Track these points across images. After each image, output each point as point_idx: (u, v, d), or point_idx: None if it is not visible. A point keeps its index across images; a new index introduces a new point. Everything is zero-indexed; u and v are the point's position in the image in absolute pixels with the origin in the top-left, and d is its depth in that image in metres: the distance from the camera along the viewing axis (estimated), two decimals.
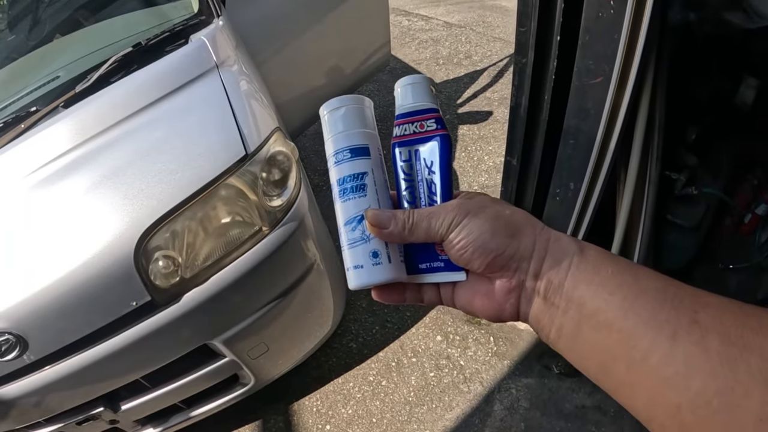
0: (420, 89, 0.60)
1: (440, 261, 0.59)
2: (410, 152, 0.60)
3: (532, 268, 0.50)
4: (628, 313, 0.44)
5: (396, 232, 0.55)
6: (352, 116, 0.60)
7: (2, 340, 1.55)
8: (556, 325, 0.49)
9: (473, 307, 0.57)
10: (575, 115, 1.75)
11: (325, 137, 0.61)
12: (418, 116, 0.59)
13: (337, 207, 0.59)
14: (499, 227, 0.51)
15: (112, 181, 1.65)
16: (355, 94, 0.64)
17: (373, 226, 0.56)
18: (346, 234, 0.58)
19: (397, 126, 0.60)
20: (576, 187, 1.84)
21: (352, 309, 2.74)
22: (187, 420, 2.08)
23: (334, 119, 0.60)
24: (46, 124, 1.84)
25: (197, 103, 1.82)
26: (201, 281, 1.65)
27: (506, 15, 5.85)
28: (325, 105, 0.61)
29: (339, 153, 0.59)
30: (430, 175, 0.59)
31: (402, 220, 0.55)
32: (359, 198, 0.58)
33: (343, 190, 0.59)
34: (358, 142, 0.60)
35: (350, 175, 0.58)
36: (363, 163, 0.59)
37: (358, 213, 0.58)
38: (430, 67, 5.00)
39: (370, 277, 0.57)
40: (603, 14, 1.53)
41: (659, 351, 0.41)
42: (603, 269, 0.48)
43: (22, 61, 2.41)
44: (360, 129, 0.61)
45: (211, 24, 2.11)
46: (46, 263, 1.57)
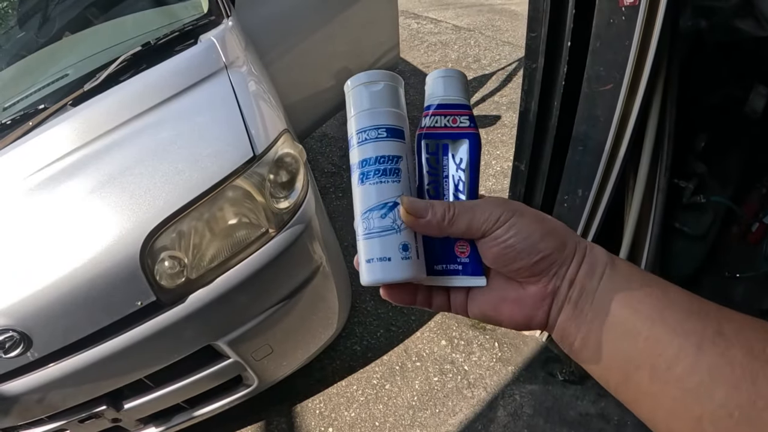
0: (456, 83, 0.56)
1: (458, 264, 0.55)
2: (438, 146, 0.57)
3: (569, 274, 0.49)
4: (656, 321, 0.44)
5: (434, 223, 0.52)
6: (390, 94, 0.56)
7: (6, 337, 1.55)
8: (582, 333, 0.49)
9: (499, 314, 0.54)
10: (585, 122, 1.75)
11: (354, 110, 0.56)
12: (452, 110, 0.56)
13: (363, 189, 0.54)
14: (546, 230, 0.50)
15: (119, 181, 1.65)
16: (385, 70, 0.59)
17: (408, 214, 0.52)
18: (374, 221, 0.53)
19: (426, 117, 0.56)
20: (584, 193, 1.84)
21: (357, 312, 2.74)
22: (190, 420, 2.07)
23: (370, 93, 0.55)
24: (54, 122, 1.84)
25: (206, 104, 1.82)
26: (207, 282, 1.65)
27: (515, 19, 5.86)
28: (360, 76, 0.56)
29: (373, 130, 0.54)
30: (458, 172, 0.56)
31: (441, 210, 0.52)
32: (393, 183, 0.53)
33: (375, 171, 0.53)
34: (396, 123, 0.55)
35: (385, 156, 0.53)
36: (400, 146, 0.55)
37: (390, 199, 0.53)
38: None
39: (397, 271, 0.52)
40: (614, 21, 1.52)
41: (685, 360, 0.41)
42: (633, 280, 0.47)
43: (31, 59, 2.42)
44: (398, 110, 0.56)
45: (221, 24, 2.11)
46: (51, 261, 1.57)
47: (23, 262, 1.59)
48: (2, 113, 2.05)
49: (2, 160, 1.79)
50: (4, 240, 1.65)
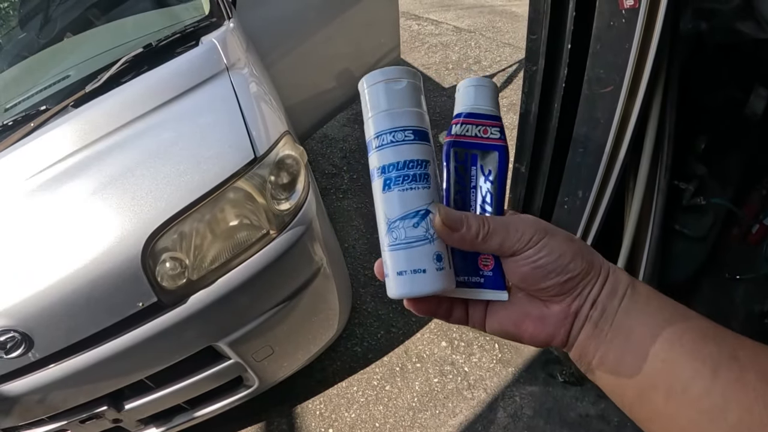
0: (488, 93, 0.54)
1: (481, 276, 0.54)
2: (467, 155, 0.55)
3: (592, 295, 0.50)
4: (675, 344, 0.44)
5: (468, 238, 0.50)
6: (414, 93, 0.53)
7: (8, 337, 1.56)
8: (600, 352, 0.49)
9: (521, 330, 0.53)
10: (585, 124, 1.75)
11: (373, 110, 0.52)
12: (483, 120, 0.54)
13: (390, 197, 0.51)
14: (576, 251, 0.50)
15: (120, 182, 1.65)
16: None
17: (444, 226, 0.50)
18: (404, 230, 0.50)
19: (457, 124, 0.54)
20: (584, 195, 1.84)
21: (358, 313, 2.74)
22: (191, 420, 2.08)
23: (392, 92, 0.52)
24: (55, 123, 1.84)
25: (207, 106, 1.82)
26: (208, 283, 1.65)
27: (516, 20, 5.85)
28: (376, 74, 0.53)
29: (399, 131, 0.51)
30: (486, 183, 0.55)
31: (476, 225, 0.50)
32: (423, 189, 0.50)
33: (404, 177, 0.50)
34: (423, 125, 0.52)
35: (414, 161, 0.50)
36: (427, 150, 0.52)
37: (421, 206, 0.50)
38: (440, 71, 5.00)
39: (431, 284, 0.50)
40: (614, 23, 1.53)
41: (700, 383, 0.42)
42: (653, 303, 0.48)
43: (33, 60, 2.43)
44: (422, 110, 0.53)
45: (222, 26, 2.11)
46: (53, 262, 1.57)
47: (25, 263, 1.60)
48: (3, 114, 2.05)
49: (4, 161, 1.79)
50: (5, 241, 1.65)
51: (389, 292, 0.52)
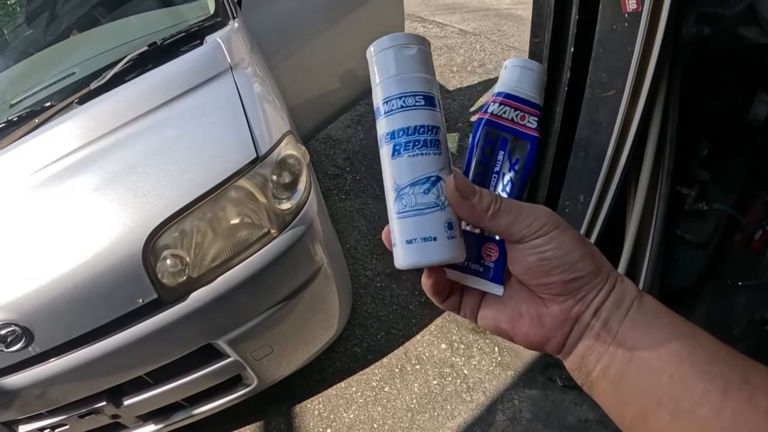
0: (534, 78, 0.52)
1: (481, 265, 0.53)
2: (498, 137, 0.53)
3: (596, 302, 0.47)
4: (684, 360, 0.43)
5: (478, 210, 0.48)
6: (424, 59, 0.51)
7: (8, 331, 1.57)
8: (602, 364, 0.47)
9: (515, 328, 0.51)
10: (587, 128, 1.75)
11: (380, 77, 0.51)
12: (524, 106, 0.52)
13: (400, 162, 0.49)
14: (587, 251, 0.47)
15: (123, 179, 1.66)
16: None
17: (457, 191, 0.48)
18: (414, 197, 0.48)
19: (495, 103, 0.52)
20: (586, 199, 1.84)
21: (358, 314, 2.74)
22: (189, 418, 2.09)
23: (402, 57, 0.50)
24: (60, 119, 1.85)
25: (210, 104, 1.83)
26: (208, 281, 1.66)
27: (521, 24, 5.85)
28: (385, 40, 0.51)
29: (409, 96, 0.49)
30: (511, 172, 0.53)
31: (489, 199, 0.48)
32: (434, 155, 0.49)
33: (414, 142, 0.48)
34: (432, 91, 0.51)
35: (425, 126, 0.49)
36: (437, 116, 0.50)
37: (432, 172, 0.48)
38: (444, 74, 5.00)
39: (442, 252, 0.48)
40: (617, 27, 1.53)
41: (709, 403, 0.40)
42: (661, 317, 0.46)
43: (39, 57, 2.44)
44: (431, 77, 0.52)
45: (227, 26, 2.12)
46: (54, 257, 1.58)
47: (27, 257, 1.61)
48: (9, 110, 2.06)
49: (8, 157, 1.80)
50: (8, 236, 1.66)
51: (397, 262, 0.50)
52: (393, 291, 2.86)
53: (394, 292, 2.85)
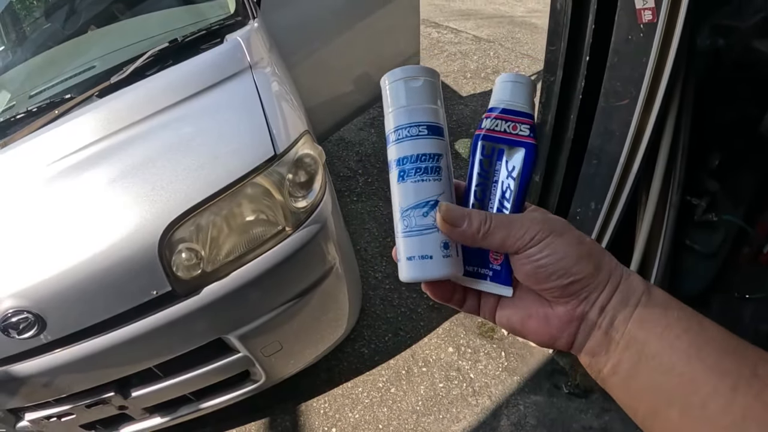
0: (523, 90, 0.55)
1: (489, 269, 0.56)
2: (493, 149, 0.56)
3: (601, 301, 0.48)
4: (693, 358, 0.43)
5: (469, 234, 0.51)
6: (430, 90, 0.55)
7: (21, 318, 1.58)
8: (612, 361, 0.48)
9: (525, 328, 0.54)
10: (600, 136, 1.77)
11: (391, 107, 0.55)
12: (514, 117, 0.55)
13: (403, 187, 0.54)
14: (582, 253, 0.48)
15: (141, 172, 1.68)
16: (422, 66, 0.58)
17: (445, 222, 0.51)
18: (414, 219, 0.53)
19: (487, 118, 0.55)
20: (597, 207, 1.85)
21: (366, 315, 2.76)
22: (196, 412, 2.10)
23: (409, 89, 0.55)
24: (79, 111, 1.88)
25: (230, 102, 1.85)
26: (221, 276, 1.68)
27: (535, 32, 5.85)
28: (397, 72, 0.55)
29: (414, 127, 0.54)
30: (509, 179, 0.55)
31: (478, 221, 0.51)
32: (434, 181, 0.53)
33: (416, 170, 0.53)
34: (436, 121, 0.55)
35: (426, 154, 0.53)
36: (439, 144, 0.54)
37: (431, 197, 0.53)
38: (458, 80, 5.01)
39: (437, 269, 0.52)
40: (632, 37, 1.55)
41: (719, 400, 0.41)
42: (670, 312, 0.46)
43: (58, 50, 2.47)
44: (437, 106, 0.56)
45: (247, 25, 2.14)
46: (71, 246, 1.60)
47: (43, 246, 1.63)
48: (29, 100, 2.09)
49: (27, 146, 1.83)
50: (26, 224, 1.69)
51: (400, 275, 0.55)
52: (402, 293, 2.87)
53: (403, 295, 2.86)
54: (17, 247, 1.65)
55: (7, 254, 1.64)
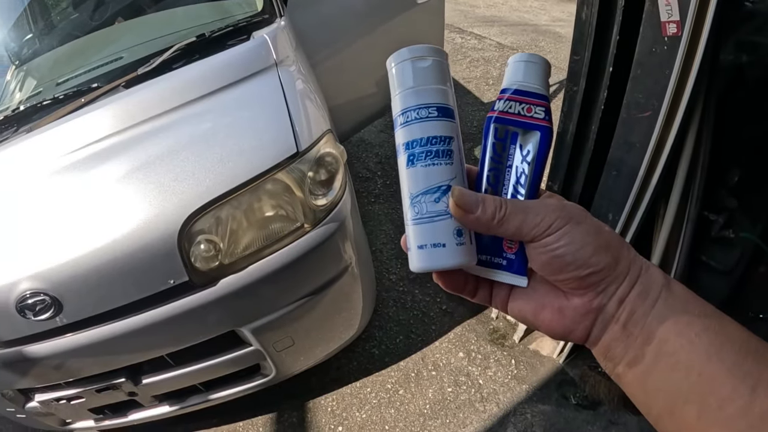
0: (537, 70, 0.52)
1: (503, 258, 0.53)
2: (507, 132, 0.53)
3: (619, 293, 0.47)
4: (713, 357, 0.42)
5: (483, 220, 0.49)
6: (439, 70, 0.53)
7: (38, 300, 1.60)
8: (629, 356, 0.46)
9: (538, 319, 0.52)
10: (620, 147, 1.77)
11: (398, 89, 0.53)
12: (528, 98, 0.52)
13: (413, 172, 0.51)
14: (601, 243, 0.47)
15: (164, 163, 1.70)
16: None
17: (458, 207, 0.49)
18: (426, 205, 0.50)
19: (501, 100, 0.52)
20: (614, 218, 1.85)
21: (379, 316, 2.77)
22: (204, 402, 2.12)
23: (417, 69, 0.52)
24: (106, 101, 1.90)
25: (254, 98, 1.87)
26: (238, 269, 1.69)
27: (559, 41, 5.84)
28: (405, 51, 0.53)
29: (423, 108, 0.51)
30: (523, 164, 0.53)
31: (492, 208, 0.49)
32: (446, 165, 0.50)
33: (426, 153, 0.50)
34: (446, 102, 0.52)
35: (437, 137, 0.50)
36: (450, 126, 0.52)
37: (443, 182, 0.50)
38: (480, 86, 5.01)
39: (450, 258, 0.50)
40: (656, 50, 1.55)
41: (738, 402, 0.40)
42: (690, 308, 0.45)
43: (85, 40, 2.50)
44: (446, 87, 0.53)
45: (273, 23, 2.16)
46: (90, 231, 1.62)
47: (64, 230, 1.65)
48: (56, 88, 2.12)
49: (52, 133, 1.85)
50: (48, 208, 1.71)
51: (411, 265, 0.52)
52: (415, 296, 2.88)
53: (416, 298, 2.87)
54: (38, 230, 1.67)
55: (28, 237, 1.67)
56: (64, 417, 2.13)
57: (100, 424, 2.18)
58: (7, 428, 2.56)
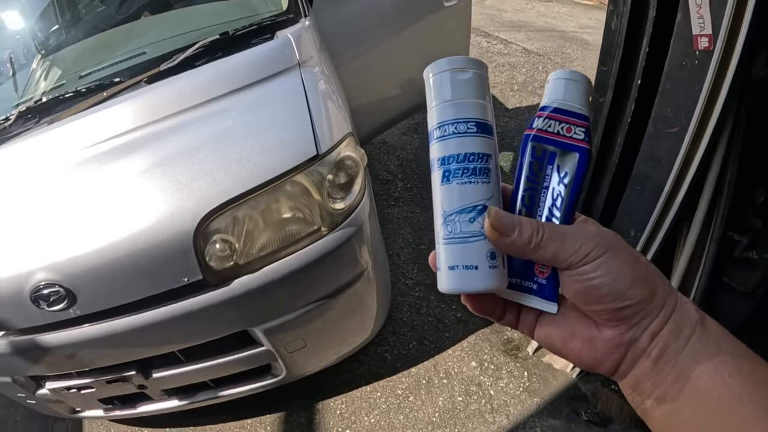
0: (579, 89, 0.50)
1: (534, 282, 0.52)
2: (545, 152, 0.51)
3: (652, 328, 0.45)
4: (744, 400, 0.41)
5: (519, 244, 0.47)
6: (479, 84, 0.51)
7: (52, 291, 1.61)
8: (658, 392, 0.45)
9: (566, 348, 0.50)
10: (646, 162, 1.74)
11: (435, 101, 0.51)
12: (568, 118, 0.50)
13: (448, 189, 0.49)
14: (639, 275, 0.45)
15: (183, 160, 1.70)
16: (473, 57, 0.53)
17: (494, 230, 0.47)
18: (460, 224, 0.48)
19: (540, 118, 0.51)
20: (636, 235, 1.83)
21: (393, 321, 2.75)
22: (214, 399, 2.13)
23: (457, 81, 0.50)
24: (127, 96, 1.90)
25: (276, 98, 1.86)
26: (253, 269, 1.68)
27: (585, 48, 5.77)
28: (444, 62, 0.51)
29: (461, 123, 0.49)
30: (560, 186, 0.51)
31: (529, 231, 0.47)
32: (482, 184, 0.49)
33: (463, 170, 0.48)
34: (484, 117, 0.50)
35: (474, 154, 0.48)
36: (489, 143, 0.50)
37: (478, 201, 0.48)
38: (504, 92, 4.97)
39: (482, 281, 0.48)
40: (687, 64, 1.52)
41: None
42: (723, 347, 0.44)
43: (110, 33, 2.50)
44: (486, 102, 0.51)
45: (298, 23, 2.14)
46: (107, 226, 1.62)
47: (81, 223, 1.65)
48: (78, 81, 2.12)
49: (73, 126, 1.85)
50: (65, 200, 1.71)
51: (440, 285, 0.51)
52: (430, 302, 2.86)
53: (432, 304, 2.85)
54: (56, 221, 1.68)
55: (46, 228, 1.67)
56: (73, 405, 2.15)
57: (109, 413, 2.19)
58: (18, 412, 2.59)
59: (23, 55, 2.39)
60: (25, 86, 2.24)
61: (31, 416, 2.54)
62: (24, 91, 2.20)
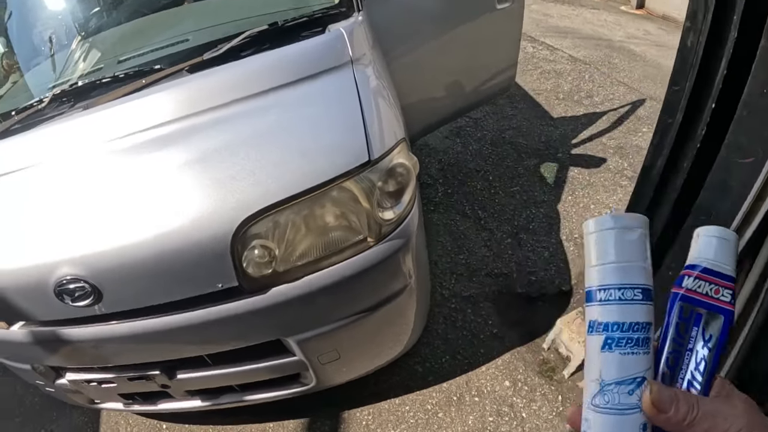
0: (729, 249, 0.52)
1: None
2: (692, 313, 0.52)
3: None
4: None
5: (674, 421, 0.48)
6: (644, 245, 0.51)
7: (77, 286, 1.55)
8: None
9: None
10: (714, 191, 1.64)
11: (598, 260, 0.52)
12: (717, 279, 0.51)
13: (610, 357, 0.50)
14: None
15: (223, 157, 1.61)
16: (635, 213, 0.54)
17: (653, 406, 0.48)
18: (618, 396, 0.49)
19: (690, 277, 0.52)
20: None
21: (427, 332, 2.67)
22: (238, 402, 2.08)
23: (622, 242, 0.51)
24: (167, 84, 1.82)
25: (326, 96, 1.77)
26: (292, 278, 1.61)
27: (633, 59, 5.60)
28: (609, 219, 0.51)
29: (628, 290, 0.50)
30: (704, 349, 0.51)
31: (686, 408, 0.48)
32: (643, 354, 0.49)
33: (627, 340, 0.49)
34: (648, 283, 0.51)
35: (639, 324, 0.49)
36: (650, 311, 0.50)
37: (638, 373, 0.49)
38: (550, 99, 4.86)
39: None
40: None
41: None
42: None
43: (152, 18, 2.40)
44: (647, 264, 0.51)
45: (351, 17, 2.04)
46: (138, 222, 1.55)
47: (110, 217, 1.58)
48: (117, 66, 2.04)
49: (109, 113, 1.77)
50: (95, 192, 1.64)
51: None
52: (467, 315, 2.77)
53: (468, 317, 2.76)
54: (85, 213, 1.61)
55: (73, 219, 1.60)
56: (92, 397, 2.12)
57: (128, 407, 2.16)
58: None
59: (65, 35, 2.31)
60: (63, 68, 2.16)
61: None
62: (61, 74, 2.12)
